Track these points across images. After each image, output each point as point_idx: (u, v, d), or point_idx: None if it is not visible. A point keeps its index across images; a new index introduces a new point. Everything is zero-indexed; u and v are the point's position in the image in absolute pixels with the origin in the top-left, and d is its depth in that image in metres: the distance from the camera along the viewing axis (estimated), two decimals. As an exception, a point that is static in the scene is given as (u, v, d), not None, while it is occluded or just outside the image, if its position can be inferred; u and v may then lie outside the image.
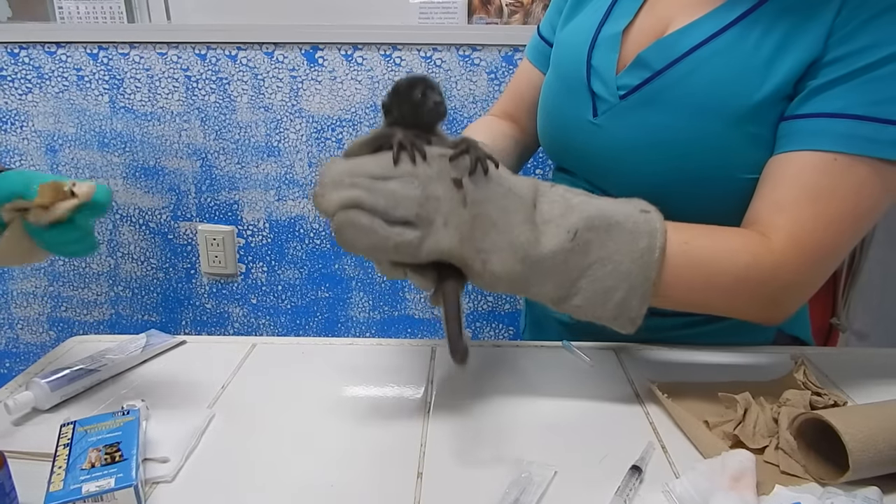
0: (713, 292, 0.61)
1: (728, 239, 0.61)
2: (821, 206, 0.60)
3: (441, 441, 0.57)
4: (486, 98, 1.39)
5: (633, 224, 0.57)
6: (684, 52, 0.67)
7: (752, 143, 0.65)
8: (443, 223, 0.52)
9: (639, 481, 0.51)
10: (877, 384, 0.66)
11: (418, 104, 0.54)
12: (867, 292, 1.05)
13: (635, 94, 0.70)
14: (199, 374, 0.68)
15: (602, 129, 0.73)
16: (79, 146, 1.48)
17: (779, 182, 0.63)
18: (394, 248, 0.52)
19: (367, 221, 0.51)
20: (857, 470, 0.49)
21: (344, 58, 1.38)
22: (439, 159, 0.54)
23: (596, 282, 0.56)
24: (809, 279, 0.63)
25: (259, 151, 1.46)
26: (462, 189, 0.53)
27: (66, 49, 1.41)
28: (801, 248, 0.60)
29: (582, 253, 0.55)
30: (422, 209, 0.52)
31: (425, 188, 0.52)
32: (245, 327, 1.60)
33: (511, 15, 1.39)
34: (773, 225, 0.61)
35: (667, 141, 0.68)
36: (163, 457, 0.53)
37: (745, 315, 0.64)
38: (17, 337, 1.64)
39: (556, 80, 0.81)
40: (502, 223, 0.54)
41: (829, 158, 0.60)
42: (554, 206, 0.56)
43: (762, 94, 0.63)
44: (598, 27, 0.76)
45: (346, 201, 0.51)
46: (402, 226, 0.52)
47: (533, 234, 0.55)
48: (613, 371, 0.69)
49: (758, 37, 0.64)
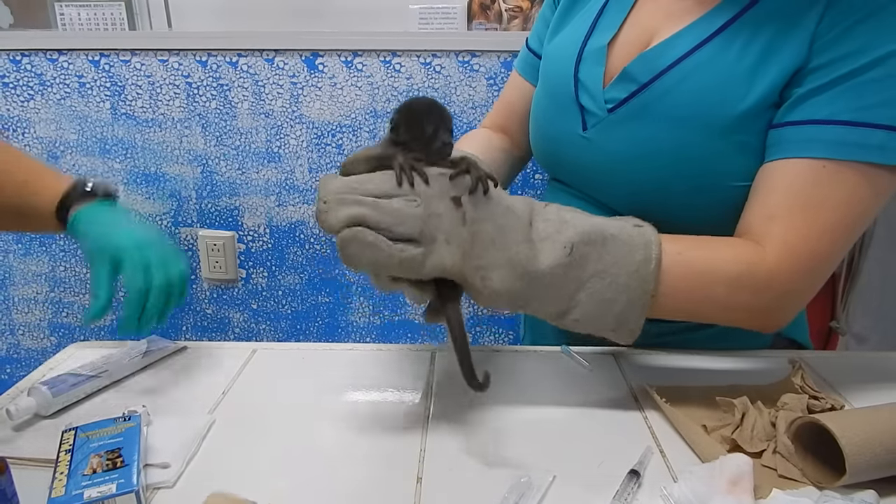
0: (709, 302, 0.61)
1: (722, 249, 0.61)
2: (813, 213, 0.60)
3: (441, 446, 0.57)
4: (486, 104, 1.40)
5: (628, 237, 0.57)
6: (668, 64, 0.68)
7: (741, 152, 0.65)
8: (445, 240, 0.53)
9: (637, 485, 0.51)
10: (874, 388, 0.67)
11: (427, 141, 0.55)
12: (866, 295, 1.05)
13: (623, 108, 0.70)
14: (200, 380, 0.69)
15: (592, 142, 0.73)
16: (80, 152, 1.48)
17: (770, 191, 0.63)
18: (398, 265, 0.52)
19: (372, 238, 0.51)
20: (853, 473, 0.49)
21: (344, 64, 1.39)
22: (440, 178, 0.54)
23: (594, 295, 0.56)
24: (804, 287, 0.63)
25: (259, 157, 1.47)
26: (461, 207, 0.54)
27: (68, 56, 1.42)
28: (794, 256, 0.60)
29: (579, 266, 0.56)
30: (425, 226, 0.52)
31: (427, 206, 0.53)
32: (245, 332, 1.61)
33: (510, 20, 1.40)
34: (767, 234, 0.61)
35: (656, 152, 0.68)
36: (163, 462, 0.53)
37: (741, 323, 0.64)
38: (19, 343, 1.65)
39: (546, 94, 0.81)
40: (500, 241, 0.55)
41: (819, 165, 0.60)
42: (549, 223, 0.57)
43: (748, 104, 0.63)
44: (584, 40, 0.76)
45: (351, 218, 0.51)
46: (405, 242, 0.52)
47: (531, 251, 0.55)
48: (612, 375, 0.69)
49: (741, 46, 0.65)
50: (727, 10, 0.67)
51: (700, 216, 0.67)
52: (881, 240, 1.03)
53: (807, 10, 0.62)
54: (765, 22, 0.64)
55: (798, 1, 0.62)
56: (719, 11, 0.67)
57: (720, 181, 0.67)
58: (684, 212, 0.67)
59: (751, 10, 0.65)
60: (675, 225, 0.61)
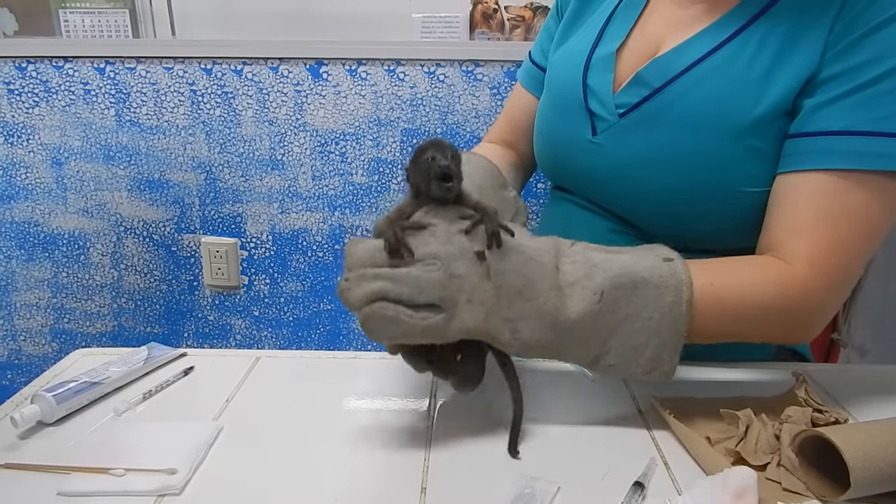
0: (743, 325, 0.61)
1: (751, 273, 0.61)
2: (837, 227, 0.60)
3: (444, 456, 0.57)
4: (489, 113, 1.40)
5: (659, 279, 0.56)
6: (681, 69, 0.68)
7: (754, 158, 0.65)
8: (466, 300, 0.52)
9: (641, 497, 0.51)
10: (878, 401, 0.66)
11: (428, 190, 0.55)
12: (868, 308, 1.05)
13: (634, 112, 0.71)
14: (204, 387, 0.69)
15: (602, 147, 0.73)
16: (84, 159, 1.49)
17: (792, 204, 0.63)
18: (421, 333, 0.52)
19: (392, 313, 0.50)
20: (858, 488, 0.49)
21: (348, 73, 1.40)
22: (459, 236, 0.54)
23: (626, 339, 0.56)
24: (833, 300, 0.64)
25: (263, 165, 1.47)
26: (485, 262, 0.53)
27: (74, 63, 1.42)
28: (822, 271, 0.60)
29: (610, 313, 0.55)
30: (445, 291, 0.51)
31: (447, 268, 0.52)
32: (247, 339, 1.61)
33: (513, 29, 1.41)
34: (793, 251, 0.61)
35: (667, 157, 0.68)
36: (171, 468, 0.53)
37: (774, 340, 0.65)
38: (20, 349, 1.65)
39: (552, 102, 0.82)
40: (528, 291, 0.54)
41: (839, 177, 0.60)
42: (577, 266, 0.56)
43: (761, 110, 0.64)
44: (591, 49, 0.77)
45: (372, 295, 0.51)
46: (427, 309, 0.51)
47: (559, 299, 0.55)
48: (616, 387, 0.69)
49: (752, 53, 0.65)
50: (738, 17, 0.67)
51: (709, 221, 0.67)
52: (882, 253, 1.03)
53: (818, 18, 0.62)
54: (776, 29, 0.65)
55: (809, 9, 0.63)
56: (730, 19, 0.68)
57: (731, 186, 0.67)
58: (693, 217, 0.68)
59: (762, 17, 0.66)
60: (684, 230, 0.61)
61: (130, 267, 1.57)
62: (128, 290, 1.59)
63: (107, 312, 1.61)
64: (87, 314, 1.61)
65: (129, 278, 1.58)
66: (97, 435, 0.59)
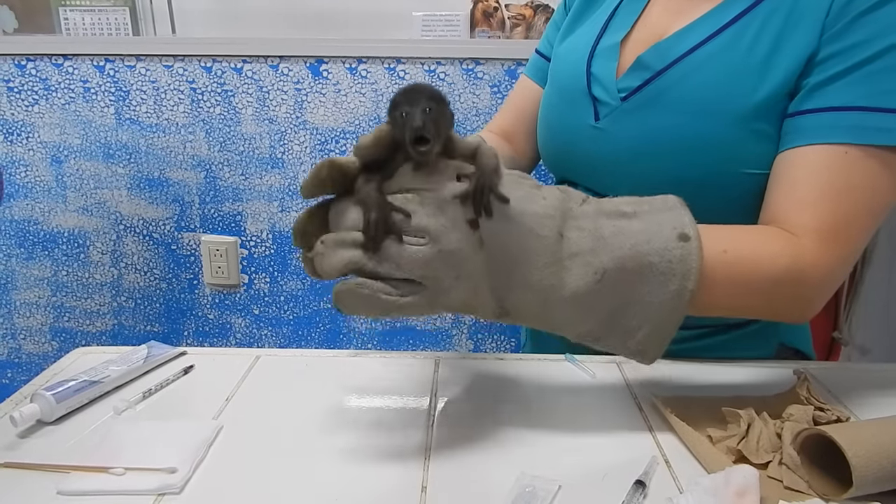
0: (752, 297, 0.61)
1: (766, 243, 0.61)
2: (843, 201, 0.60)
3: (445, 455, 0.57)
4: (489, 111, 1.40)
5: (668, 265, 0.53)
6: (682, 53, 0.69)
7: (757, 140, 0.66)
8: (455, 276, 0.50)
9: (643, 496, 0.51)
10: (880, 399, 0.66)
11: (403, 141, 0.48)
12: (870, 306, 1.05)
13: (636, 96, 0.71)
14: (204, 386, 0.68)
15: (604, 132, 0.74)
16: (84, 157, 1.49)
17: (795, 179, 0.63)
18: (398, 310, 0.49)
19: (368, 292, 0.48)
20: (860, 486, 0.49)
21: (348, 71, 1.39)
22: (452, 204, 0.49)
23: (620, 320, 0.55)
24: (838, 275, 0.63)
25: (263, 163, 1.47)
26: (478, 231, 0.50)
27: (73, 61, 1.42)
28: (829, 245, 0.60)
29: (609, 294, 0.54)
30: (429, 269, 0.49)
31: (437, 244, 0.49)
32: (247, 338, 1.61)
33: (513, 28, 1.41)
34: (801, 224, 0.61)
35: (669, 140, 0.69)
36: (171, 467, 0.53)
37: (778, 316, 0.64)
38: (20, 347, 1.65)
39: (556, 90, 0.82)
40: (522, 266, 0.52)
41: (841, 151, 0.60)
42: (583, 235, 0.53)
43: (764, 92, 0.64)
44: (597, 39, 0.78)
45: (346, 266, 0.48)
46: (408, 284, 0.49)
47: (556, 277, 0.52)
48: (617, 385, 0.69)
49: (752, 37, 0.66)
50: (738, 2, 0.68)
51: (711, 205, 0.67)
52: (884, 251, 1.03)
53: (814, 2, 0.63)
54: (775, 13, 0.66)
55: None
56: (731, 4, 0.69)
57: (733, 168, 0.67)
58: (695, 200, 0.68)
59: (762, 2, 0.67)
60: None
61: (130, 265, 1.57)
62: (128, 289, 1.58)
63: (106, 311, 1.60)
64: (86, 313, 1.61)
65: (128, 277, 1.57)
66: (97, 434, 0.59)
